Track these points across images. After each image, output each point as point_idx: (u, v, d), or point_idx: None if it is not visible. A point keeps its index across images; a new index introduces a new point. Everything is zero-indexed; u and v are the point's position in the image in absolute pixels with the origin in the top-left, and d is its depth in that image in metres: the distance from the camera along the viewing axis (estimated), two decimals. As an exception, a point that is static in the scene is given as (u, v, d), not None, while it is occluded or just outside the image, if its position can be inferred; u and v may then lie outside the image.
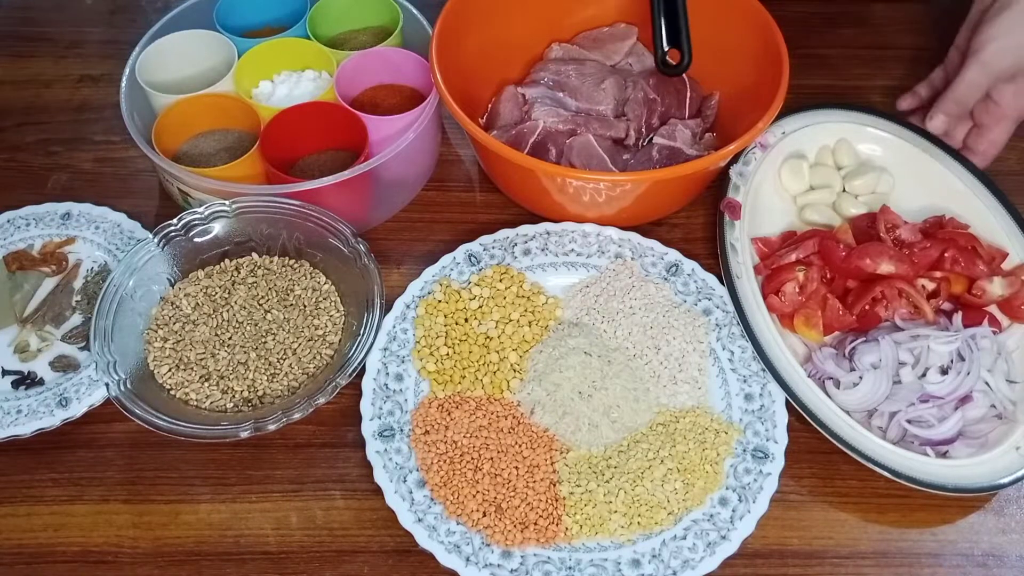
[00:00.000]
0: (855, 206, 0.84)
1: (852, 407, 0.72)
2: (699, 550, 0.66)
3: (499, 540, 0.67)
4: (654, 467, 0.69)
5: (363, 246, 0.76)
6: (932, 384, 0.72)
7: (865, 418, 0.73)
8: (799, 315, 0.77)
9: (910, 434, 0.71)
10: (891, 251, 0.77)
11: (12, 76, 0.99)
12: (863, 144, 0.88)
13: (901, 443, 0.71)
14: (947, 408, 0.71)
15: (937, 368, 0.73)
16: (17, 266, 0.82)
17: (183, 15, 0.90)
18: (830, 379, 0.74)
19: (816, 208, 0.84)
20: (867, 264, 0.77)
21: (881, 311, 0.76)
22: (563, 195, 0.79)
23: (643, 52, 0.94)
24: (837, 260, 0.77)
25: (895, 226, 0.80)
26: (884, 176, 0.86)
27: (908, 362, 0.73)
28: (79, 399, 0.73)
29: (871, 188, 0.85)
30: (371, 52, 0.87)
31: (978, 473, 0.69)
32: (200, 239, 0.79)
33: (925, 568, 0.69)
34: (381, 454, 0.70)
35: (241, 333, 0.76)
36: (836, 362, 0.74)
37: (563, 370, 0.73)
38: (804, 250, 0.79)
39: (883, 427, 0.72)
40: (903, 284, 0.76)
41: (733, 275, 0.77)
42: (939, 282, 0.78)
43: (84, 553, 0.69)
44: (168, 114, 0.84)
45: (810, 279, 0.77)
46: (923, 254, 0.78)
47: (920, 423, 0.71)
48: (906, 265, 0.77)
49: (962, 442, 0.71)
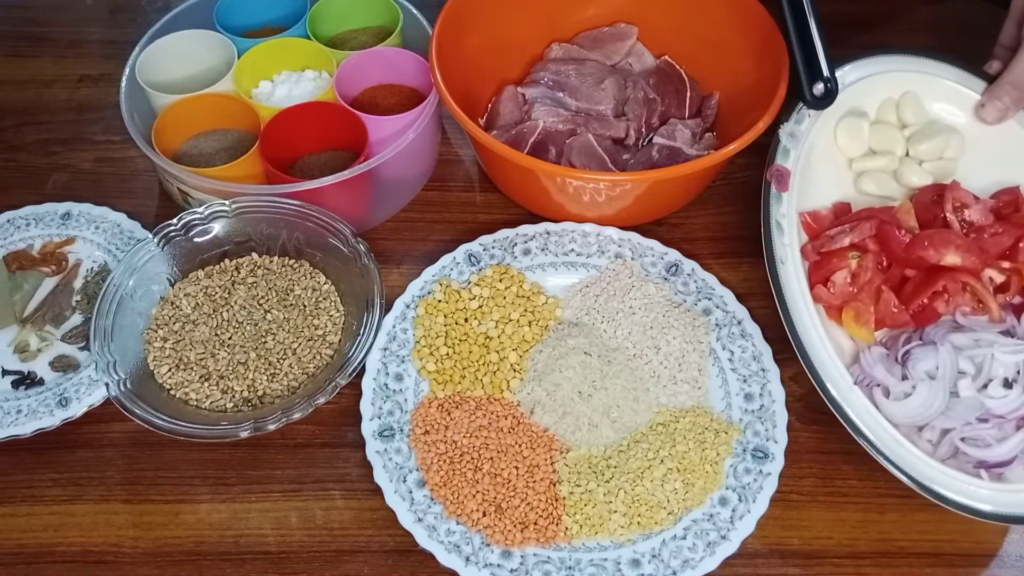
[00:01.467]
0: (919, 175, 0.75)
1: (901, 420, 0.65)
2: (699, 550, 0.66)
3: (499, 540, 0.67)
4: (654, 467, 0.69)
5: (363, 246, 0.76)
6: (993, 400, 0.64)
7: (913, 431, 0.66)
8: (849, 309, 0.69)
9: (962, 453, 0.64)
10: (959, 240, 0.68)
11: (12, 76, 0.99)
12: (933, 101, 0.78)
13: (951, 461, 0.64)
14: (1008, 427, 0.64)
15: (1000, 380, 0.65)
16: (17, 266, 0.82)
17: (183, 15, 0.90)
18: (879, 386, 0.66)
19: (874, 177, 0.76)
20: (931, 254, 0.68)
21: (941, 306, 0.68)
22: (563, 195, 0.79)
23: (643, 52, 0.94)
24: (897, 248, 0.69)
25: (964, 205, 0.71)
26: (954, 139, 0.76)
27: (968, 372, 0.65)
28: (79, 399, 0.73)
29: (938, 153, 0.76)
30: (371, 52, 0.87)
31: None
32: (200, 239, 0.79)
33: (925, 568, 0.69)
34: (381, 454, 0.70)
35: (241, 333, 0.76)
36: (887, 367, 0.66)
37: (563, 370, 0.73)
38: (859, 233, 0.69)
39: (933, 441, 0.66)
40: (969, 277, 0.67)
41: (777, 260, 0.68)
42: (1009, 274, 0.69)
43: (84, 553, 0.69)
44: (168, 114, 0.84)
45: (864, 267, 0.68)
46: (994, 241, 0.69)
47: (975, 442, 0.64)
48: (974, 255, 0.67)
49: (1020, 462, 0.64)
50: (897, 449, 0.64)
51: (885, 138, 0.77)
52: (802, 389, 0.76)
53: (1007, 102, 0.76)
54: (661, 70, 0.91)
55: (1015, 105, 0.76)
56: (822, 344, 0.66)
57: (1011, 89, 0.75)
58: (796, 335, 0.66)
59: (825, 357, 0.66)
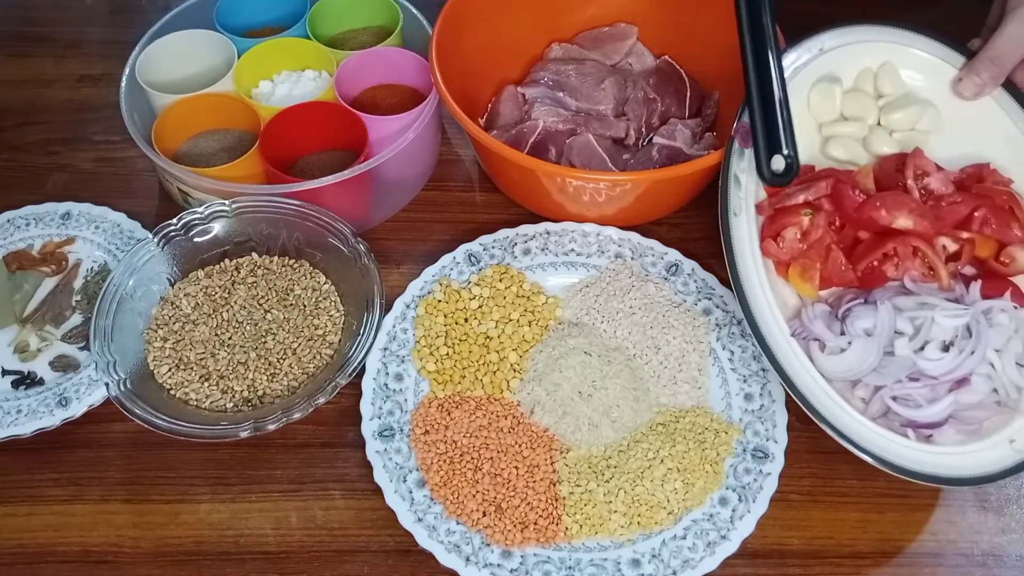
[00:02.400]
0: (888, 144, 0.74)
1: (834, 375, 0.65)
2: (699, 550, 0.66)
3: (499, 540, 0.67)
4: (654, 467, 0.69)
5: (363, 246, 0.76)
6: (927, 361, 0.64)
7: (847, 388, 0.66)
8: (795, 265, 0.69)
9: (892, 412, 0.64)
10: (912, 204, 0.68)
11: (12, 76, 0.99)
12: (910, 71, 0.76)
13: (881, 420, 0.65)
14: (939, 389, 0.64)
15: (938, 343, 0.65)
16: (17, 266, 0.82)
17: (183, 15, 0.90)
18: (816, 340, 0.66)
19: (842, 142, 0.74)
20: (882, 216, 0.68)
21: (890, 270, 0.68)
22: (563, 195, 0.79)
23: (643, 52, 0.94)
24: (849, 207, 0.69)
25: (925, 173, 0.71)
26: (929, 112, 0.75)
27: (906, 333, 0.65)
28: (79, 399, 0.73)
29: (911, 124, 0.75)
30: (371, 52, 0.87)
31: (961, 463, 0.63)
32: (200, 239, 0.79)
33: (925, 568, 0.69)
34: (381, 454, 0.70)
35: (241, 333, 0.76)
36: (827, 322, 0.67)
37: (563, 370, 0.73)
38: (815, 191, 0.69)
39: (866, 399, 0.66)
40: (920, 242, 0.67)
41: (731, 211, 0.69)
42: (963, 243, 0.69)
43: (84, 553, 0.69)
44: (168, 114, 0.84)
45: (815, 225, 0.68)
46: (951, 210, 0.69)
47: (906, 402, 0.64)
48: (927, 221, 0.67)
49: (952, 426, 0.64)
50: (826, 402, 0.64)
51: (858, 105, 0.76)
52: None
53: (985, 78, 0.74)
54: (661, 70, 0.91)
55: (992, 81, 0.74)
56: (764, 296, 0.67)
57: (989, 64, 0.73)
58: (740, 286, 0.67)
59: (766, 308, 0.66)
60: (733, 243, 0.68)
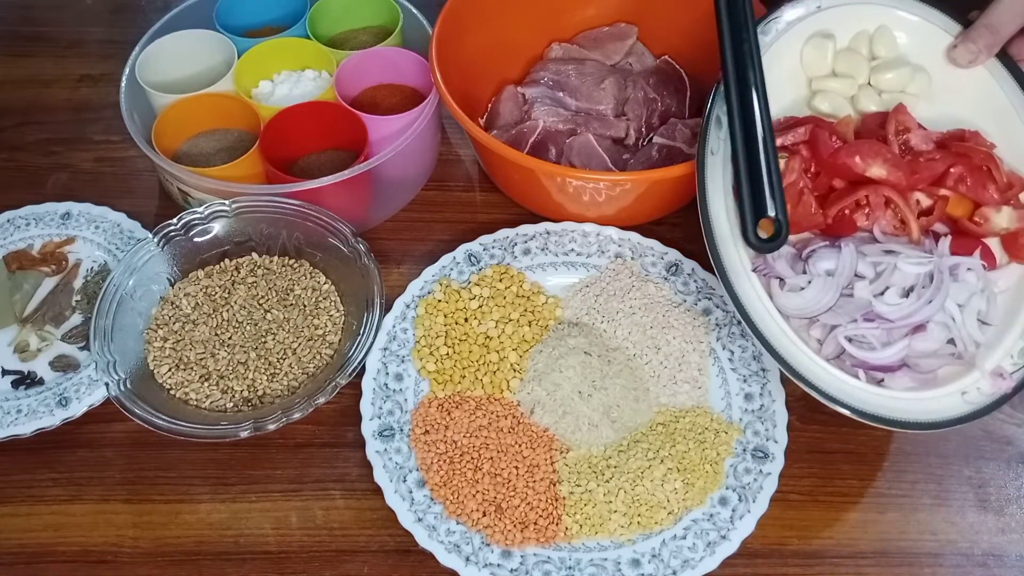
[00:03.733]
0: (876, 103, 0.74)
1: (791, 312, 0.66)
2: (699, 550, 0.66)
3: (499, 540, 0.67)
4: (654, 467, 0.69)
5: (363, 246, 0.76)
6: (885, 305, 0.64)
7: (804, 326, 0.66)
8: None
9: (847, 353, 0.65)
10: (887, 154, 0.68)
11: (12, 76, 0.99)
12: (904, 35, 0.76)
13: (835, 361, 0.65)
14: (895, 333, 0.64)
15: (899, 289, 0.65)
16: (17, 266, 0.82)
17: (183, 15, 0.90)
18: (777, 278, 0.66)
19: (829, 97, 0.74)
20: (856, 163, 0.67)
21: (861, 219, 0.68)
22: (563, 195, 0.79)
23: (643, 52, 0.94)
24: (825, 152, 0.68)
25: (907, 129, 0.70)
26: (920, 76, 0.74)
27: (867, 276, 0.66)
28: (79, 399, 0.73)
29: (900, 86, 0.74)
30: (371, 52, 0.87)
31: (908, 409, 0.63)
32: (200, 239, 0.79)
33: (925, 568, 0.69)
34: (381, 454, 0.70)
35: (241, 333, 0.76)
36: (790, 262, 0.67)
37: (563, 370, 0.73)
38: (793, 136, 0.69)
39: (821, 340, 0.66)
40: (893, 193, 0.67)
41: (708, 150, 0.69)
42: (937, 200, 0.69)
43: (84, 553, 0.69)
44: (168, 114, 0.84)
45: (790, 169, 0.68)
46: (927, 165, 0.68)
47: (861, 343, 0.65)
48: (902, 173, 0.67)
49: (906, 372, 0.65)
50: (781, 339, 0.64)
51: (850, 63, 0.76)
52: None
53: (980, 45, 0.73)
54: (661, 70, 0.91)
55: (987, 50, 0.73)
56: (731, 232, 0.66)
57: (986, 32, 0.72)
58: (707, 220, 0.66)
59: (731, 244, 0.66)
60: (707, 180, 0.68)
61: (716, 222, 0.67)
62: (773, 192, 0.65)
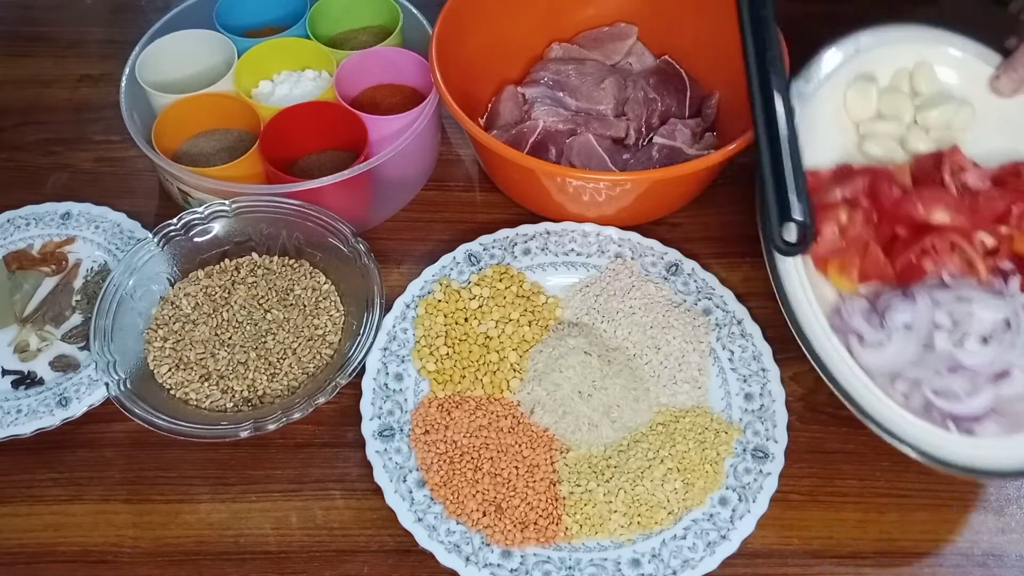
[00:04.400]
0: (924, 142, 0.75)
1: (874, 368, 0.65)
2: (699, 550, 0.66)
3: (499, 540, 0.67)
4: (654, 467, 0.69)
5: (363, 246, 0.76)
6: (967, 354, 0.64)
7: (887, 382, 0.66)
8: (834, 260, 0.69)
9: (933, 406, 0.64)
10: (948, 199, 0.68)
11: (12, 76, 0.99)
12: (945, 69, 0.77)
13: (923, 415, 0.64)
14: (979, 381, 0.64)
15: (977, 336, 0.65)
16: (17, 266, 0.82)
17: (183, 15, 0.90)
18: (855, 335, 0.66)
19: (879, 140, 0.75)
20: (919, 211, 0.68)
21: (928, 265, 0.68)
22: (563, 195, 0.79)
23: (643, 52, 0.94)
24: (887, 203, 0.69)
25: (962, 169, 0.71)
26: (964, 110, 0.75)
27: (944, 326, 0.65)
28: (79, 399, 0.73)
29: (946, 122, 0.75)
30: (371, 52, 0.87)
31: (1003, 456, 0.62)
32: (200, 239, 0.79)
33: (925, 568, 0.69)
34: (381, 454, 0.70)
35: (241, 333, 0.76)
36: (866, 317, 0.66)
37: (563, 370, 0.73)
38: (853, 189, 0.70)
39: (906, 394, 0.65)
40: (957, 237, 0.67)
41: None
42: (1001, 239, 0.69)
43: (84, 553, 0.69)
44: (168, 114, 0.84)
45: (853, 221, 0.69)
46: (988, 204, 0.69)
47: (946, 395, 0.64)
48: (964, 216, 0.68)
49: (993, 419, 0.64)
50: (868, 397, 0.64)
51: (894, 104, 0.77)
52: (802, 389, 0.76)
53: (1023, 73, 0.73)
54: (661, 70, 0.91)
55: None
56: (803, 291, 0.66)
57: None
58: (779, 280, 0.67)
59: (805, 304, 0.66)
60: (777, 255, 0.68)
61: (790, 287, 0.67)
62: (799, 195, 0.64)
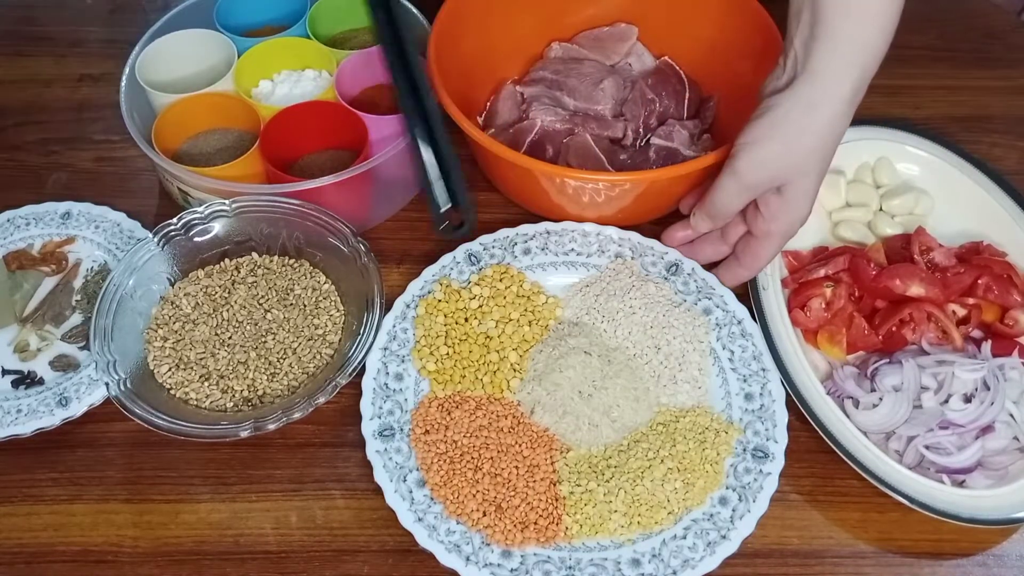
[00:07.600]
0: (891, 226, 0.84)
1: (870, 428, 0.71)
2: (699, 549, 0.66)
3: (499, 540, 0.67)
4: (654, 467, 0.69)
5: (363, 245, 0.76)
6: (953, 411, 0.70)
7: (883, 440, 0.72)
8: (823, 331, 0.77)
9: (927, 460, 0.70)
10: (922, 273, 0.76)
11: (12, 76, 0.98)
12: (903, 163, 0.87)
13: (917, 468, 0.70)
14: (967, 437, 0.70)
15: (960, 396, 0.72)
16: (17, 265, 0.82)
17: (183, 14, 0.90)
18: (849, 398, 0.73)
19: (851, 225, 0.84)
20: (896, 285, 0.76)
21: (908, 334, 0.75)
22: (561, 195, 0.79)
23: (643, 52, 0.94)
24: (867, 279, 0.77)
25: (929, 248, 0.79)
26: (923, 198, 0.85)
27: (931, 387, 0.72)
28: (79, 399, 0.73)
29: (909, 209, 0.85)
30: (371, 52, 0.87)
31: (994, 505, 0.68)
32: (200, 238, 0.79)
33: (925, 568, 0.69)
34: (381, 454, 0.70)
35: (241, 333, 0.76)
36: (857, 382, 0.73)
37: (563, 370, 0.73)
38: (834, 266, 0.79)
39: (900, 451, 0.71)
40: (933, 308, 0.75)
41: (759, 286, 0.77)
42: (970, 309, 0.77)
43: (84, 552, 0.69)
44: (168, 114, 0.84)
45: (837, 296, 0.77)
46: (956, 279, 0.77)
47: (938, 450, 0.70)
48: (937, 289, 0.76)
49: (981, 472, 0.70)
50: (866, 453, 0.69)
51: (861, 194, 0.86)
52: (802, 389, 0.76)
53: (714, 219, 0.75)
54: (660, 70, 0.91)
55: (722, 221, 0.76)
56: (799, 361, 0.73)
57: (713, 210, 0.74)
58: (776, 352, 0.74)
59: (801, 371, 0.73)
60: (766, 316, 0.76)
61: (786, 356, 0.74)
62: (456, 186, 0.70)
